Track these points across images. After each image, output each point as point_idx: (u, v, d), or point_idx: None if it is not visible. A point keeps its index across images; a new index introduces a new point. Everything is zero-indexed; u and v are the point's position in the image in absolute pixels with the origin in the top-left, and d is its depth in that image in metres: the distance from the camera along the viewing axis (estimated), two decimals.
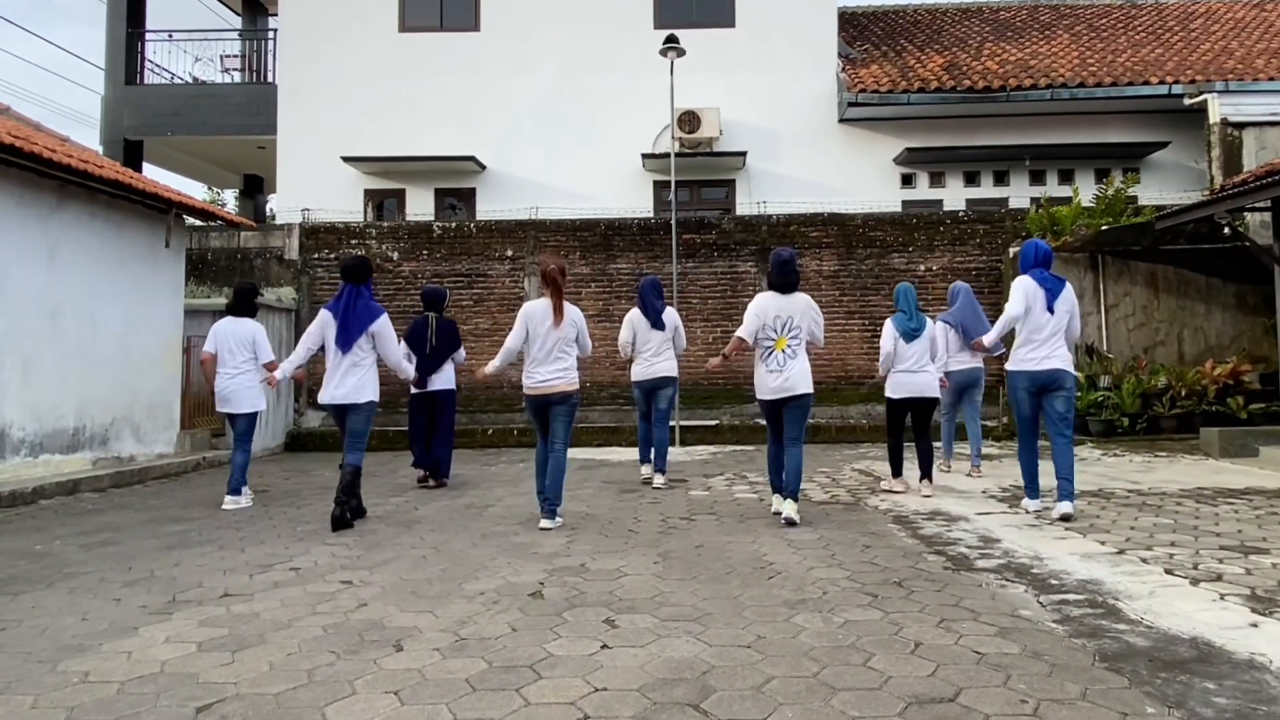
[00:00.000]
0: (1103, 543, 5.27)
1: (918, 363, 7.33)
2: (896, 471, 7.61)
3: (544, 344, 6.27)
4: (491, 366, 6.47)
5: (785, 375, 6.12)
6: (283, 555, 5.38)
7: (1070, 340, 6.39)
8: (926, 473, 7.40)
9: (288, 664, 3.39)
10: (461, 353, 8.76)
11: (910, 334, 7.33)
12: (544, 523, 6.18)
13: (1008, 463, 9.38)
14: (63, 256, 9.08)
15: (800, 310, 6.23)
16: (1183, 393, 11.26)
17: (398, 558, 5.25)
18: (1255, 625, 3.63)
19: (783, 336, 6.17)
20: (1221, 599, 4.01)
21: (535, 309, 6.36)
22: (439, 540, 5.77)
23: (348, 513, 6.29)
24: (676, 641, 3.57)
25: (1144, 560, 4.79)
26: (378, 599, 4.30)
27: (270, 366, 7.57)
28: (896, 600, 4.11)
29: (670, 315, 8.27)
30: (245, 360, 7.59)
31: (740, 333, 6.31)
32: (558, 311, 6.29)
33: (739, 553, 5.21)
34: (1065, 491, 6.14)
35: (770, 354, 6.20)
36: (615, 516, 6.57)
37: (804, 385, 6.17)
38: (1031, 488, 6.48)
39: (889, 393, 7.50)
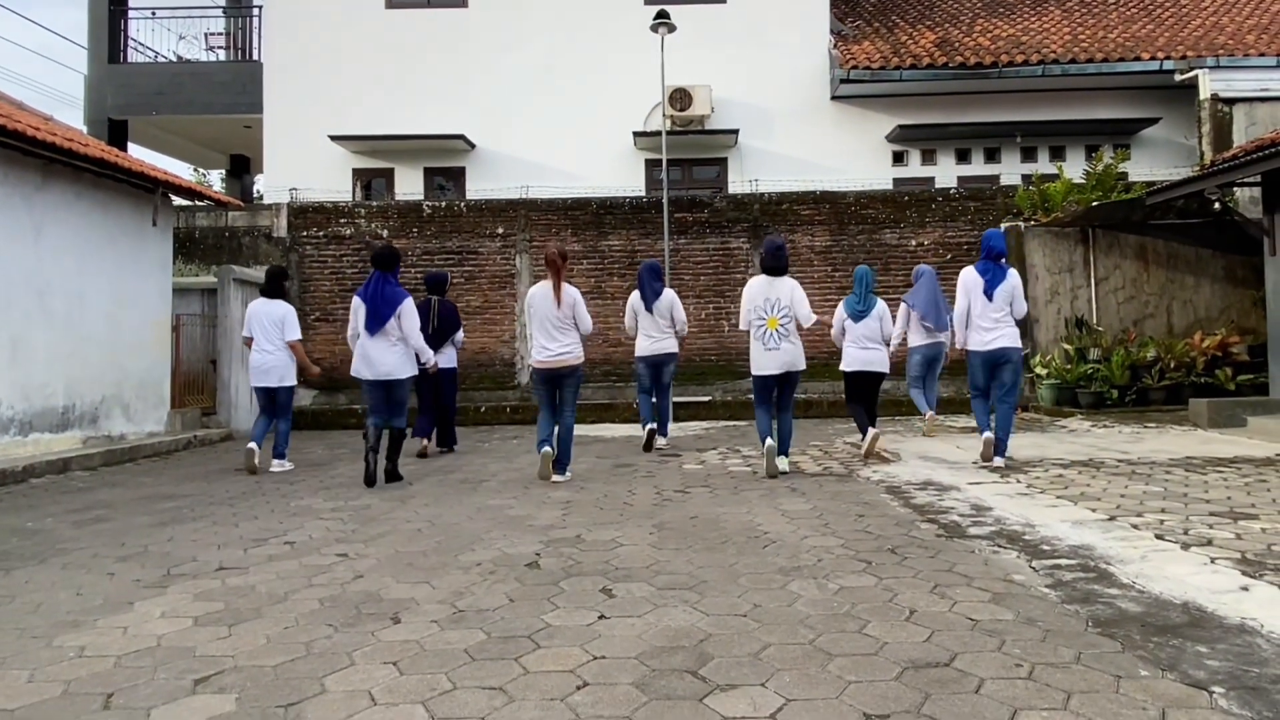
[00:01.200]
0: (1094, 510, 5.30)
1: (867, 339, 8.02)
2: (863, 430, 8.12)
3: (546, 322, 6.85)
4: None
5: (782, 352, 6.83)
6: (277, 530, 5.37)
7: (1017, 317, 7.15)
8: (864, 431, 8.07)
9: (285, 636, 3.39)
10: (460, 334, 9.18)
11: (858, 314, 8.05)
12: (554, 476, 6.91)
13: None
14: (49, 235, 9.00)
15: (787, 292, 6.89)
16: (1171, 365, 11.32)
17: (393, 531, 5.25)
18: (1246, 589, 3.66)
19: (773, 316, 6.82)
20: (1212, 563, 4.04)
21: (536, 291, 6.97)
22: (434, 514, 5.78)
23: (394, 466, 7.11)
24: (673, 610, 3.58)
25: (1135, 526, 4.82)
26: (374, 571, 4.30)
27: (293, 345, 8.13)
28: (890, 567, 4.13)
29: (666, 296, 8.86)
30: (279, 338, 8.09)
31: (741, 325, 7.08)
32: (557, 291, 6.85)
33: (733, 523, 5.23)
34: (1000, 449, 7.11)
35: (765, 333, 6.84)
36: (610, 490, 6.59)
37: (799, 363, 6.95)
38: (985, 425, 7.23)
39: (842, 366, 8.24)
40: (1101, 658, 2.95)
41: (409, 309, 7.09)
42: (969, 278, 7.21)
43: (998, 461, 7.05)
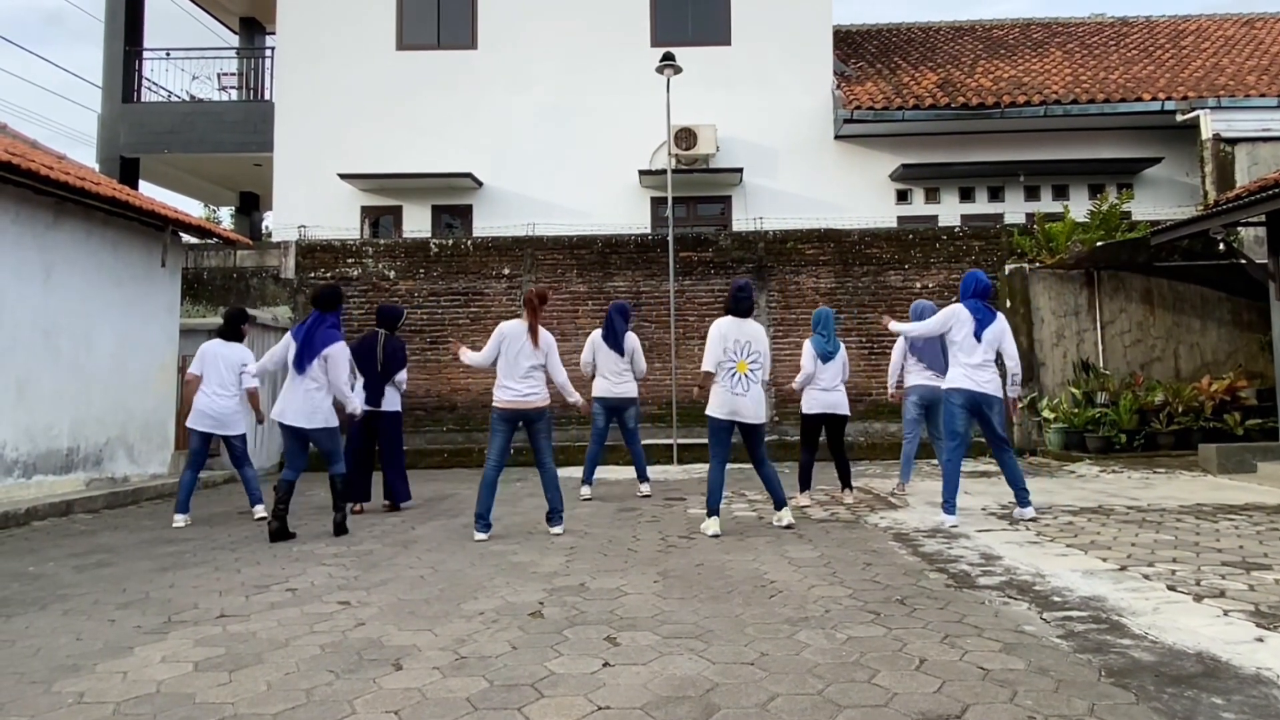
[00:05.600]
0: (1104, 559, 5.24)
1: (831, 381, 7.79)
2: (804, 486, 7.91)
3: (518, 363, 6.53)
4: (467, 358, 6.70)
5: (748, 400, 6.48)
6: (279, 576, 5.33)
7: (1009, 362, 6.76)
8: (846, 482, 8.01)
9: (286, 683, 3.36)
10: (402, 375, 8.30)
11: (827, 355, 7.78)
12: (478, 535, 6.45)
13: (1001, 480, 9.31)
14: (58, 275, 9.05)
15: (756, 336, 6.57)
16: (1180, 409, 11.26)
17: (395, 578, 5.21)
18: (1261, 640, 3.61)
19: (743, 360, 6.49)
20: (1225, 614, 3.99)
21: (510, 328, 6.62)
22: (436, 560, 5.73)
23: (343, 518, 6.75)
24: (679, 659, 3.53)
25: (1146, 577, 4.77)
26: (376, 618, 4.27)
27: (251, 392, 7.73)
28: (899, 617, 4.08)
29: (630, 340, 8.66)
30: (233, 383, 7.67)
31: (706, 365, 6.52)
32: (533, 332, 6.57)
33: (739, 571, 5.18)
34: (1023, 499, 6.75)
35: (734, 376, 6.48)
36: (614, 535, 6.54)
37: (762, 414, 6.58)
38: (950, 504, 6.65)
39: (804, 409, 7.91)
40: (1115, 709, 2.91)
41: (335, 355, 6.68)
42: (958, 313, 6.78)
43: (1028, 513, 6.68)
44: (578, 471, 9.29)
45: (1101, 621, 3.93)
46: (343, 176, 15.69)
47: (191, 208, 26.68)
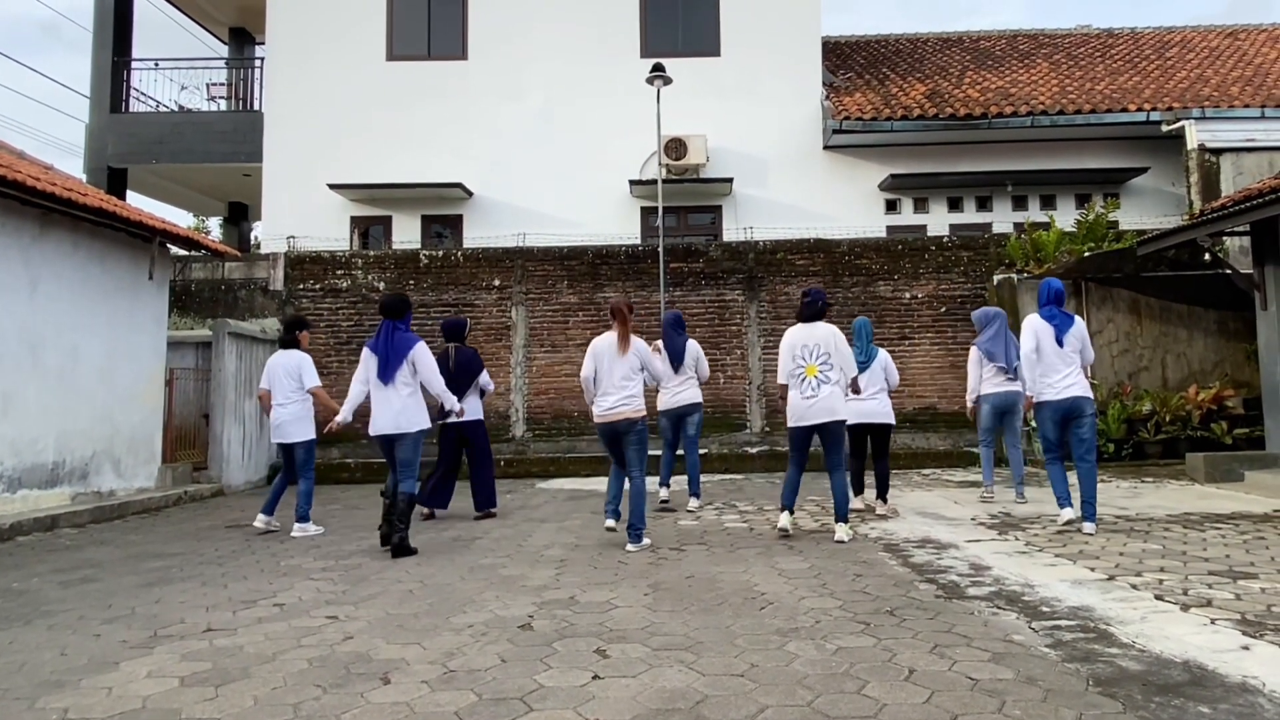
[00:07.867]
0: (1093, 569, 5.26)
1: (866, 390, 7.69)
2: (858, 490, 8.11)
3: (610, 374, 6.59)
4: (589, 399, 6.83)
5: (821, 398, 6.48)
6: (266, 591, 5.30)
7: (1085, 366, 6.83)
8: (882, 493, 7.97)
9: (272, 698, 3.33)
10: (485, 378, 8.56)
11: (860, 367, 7.68)
12: (622, 537, 6.61)
13: (998, 489, 9.34)
14: (45, 287, 9.00)
15: (823, 338, 6.56)
16: (1167, 418, 11.31)
17: (384, 592, 5.18)
18: (1247, 648, 3.63)
19: (812, 364, 6.53)
20: (1212, 623, 4.01)
21: (601, 342, 6.73)
22: (426, 574, 5.71)
23: (402, 539, 6.40)
24: (669, 671, 3.53)
25: (1134, 586, 4.78)
26: (364, 632, 4.24)
27: (314, 392, 7.83)
28: (889, 628, 4.08)
29: (691, 348, 8.64)
30: (293, 390, 7.79)
31: (779, 379, 6.74)
32: (623, 340, 6.61)
33: (730, 582, 5.18)
34: (1088, 513, 6.57)
35: (804, 380, 6.54)
36: (605, 548, 6.52)
37: (840, 411, 6.52)
38: (1064, 499, 6.83)
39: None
40: (1103, 718, 2.92)
41: (422, 353, 6.68)
42: (1038, 324, 6.85)
43: (1088, 528, 6.50)
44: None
45: (1089, 631, 3.94)
46: (332, 187, 15.68)
47: (180, 218, 26.53)
